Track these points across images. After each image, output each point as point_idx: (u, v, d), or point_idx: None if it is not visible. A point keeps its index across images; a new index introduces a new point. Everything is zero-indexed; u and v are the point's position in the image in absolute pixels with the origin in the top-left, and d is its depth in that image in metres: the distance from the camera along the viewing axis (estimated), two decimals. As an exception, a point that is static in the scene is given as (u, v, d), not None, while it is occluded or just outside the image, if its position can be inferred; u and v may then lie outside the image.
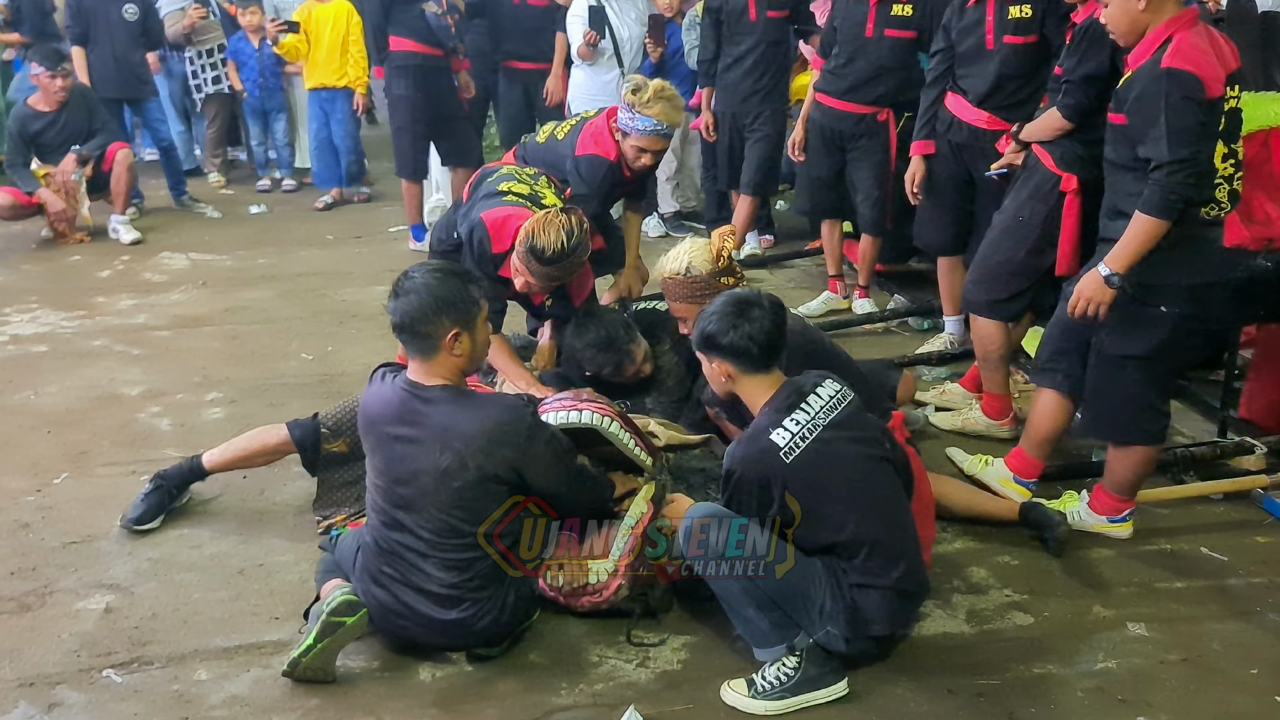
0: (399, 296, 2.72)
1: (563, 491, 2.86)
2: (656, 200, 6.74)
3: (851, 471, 2.71)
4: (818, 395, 2.74)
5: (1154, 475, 3.68)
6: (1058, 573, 3.25)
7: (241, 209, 7.49)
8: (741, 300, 2.78)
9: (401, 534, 2.75)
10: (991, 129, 4.14)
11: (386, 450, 2.76)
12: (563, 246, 3.36)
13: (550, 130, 4.22)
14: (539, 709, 2.66)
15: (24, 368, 4.74)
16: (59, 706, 2.65)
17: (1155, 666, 2.83)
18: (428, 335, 2.70)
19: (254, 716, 2.62)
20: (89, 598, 3.08)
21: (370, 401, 2.83)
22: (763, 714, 2.63)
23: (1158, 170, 2.96)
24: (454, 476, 2.67)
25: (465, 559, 2.74)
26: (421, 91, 6.16)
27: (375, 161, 8.24)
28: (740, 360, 2.74)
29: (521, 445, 2.70)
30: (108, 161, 6.62)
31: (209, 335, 5.15)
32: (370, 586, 2.79)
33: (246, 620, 2.99)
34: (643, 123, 3.79)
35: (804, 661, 2.66)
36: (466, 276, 2.82)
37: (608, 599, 2.90)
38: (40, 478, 3.75)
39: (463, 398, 2.75)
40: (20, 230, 6.73)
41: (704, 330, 2.77)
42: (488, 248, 3.57)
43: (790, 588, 2.66)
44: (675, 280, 3.42)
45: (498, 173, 3.87)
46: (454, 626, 2.76)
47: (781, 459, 2.63)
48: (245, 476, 3.71)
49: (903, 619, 2.80)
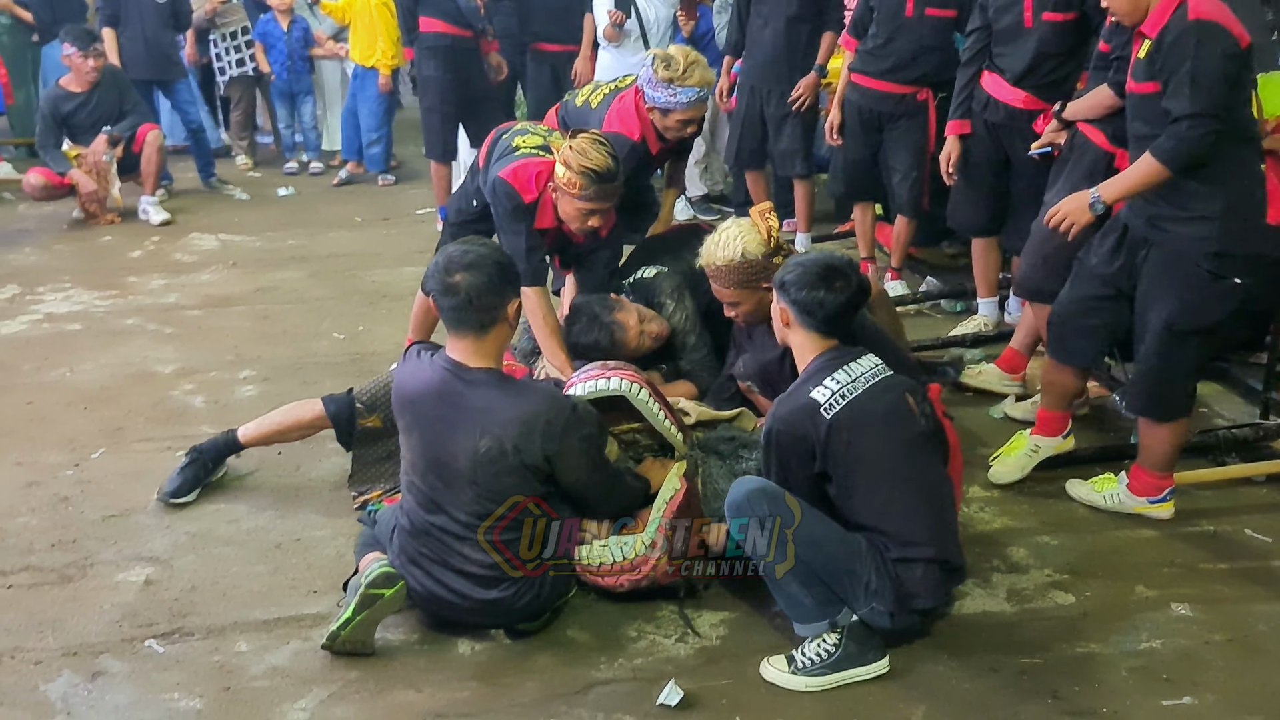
0: (455, 274, 2.67)
1: (590, 492, 2.84)
2: (684, 183, 6.71)
3: (889, 436, 2.70)
4: (859, 363, 2.76)
5: (1196, 457, 3.65)
6: (1099, 553, 3.22)
7: (269, 191, 7.50)
8: (832, 266, 2.79)
9: (438, 516, 2.74)
10: (1029, 108, 4.10)
11: (423, 430, 2.75)
12: (613, 159, 3.39)
13: (587, 94, 4.24)
14: (578, 683, 2.65)
15: (59, 345, 4.77)
16: (102, 675, 2.67)
17: (1200, 647, 2.80)
18: (492, 308, 2.68)
19: (295, 687, 2.63)
20: (129, 570, 3.10)
21: (406, 379, 2.81)
22: (803, 690, 2.62)
23: (1177, 123, 2.93)
24: (494, 461, 2.65)
25: (503, 540, 2.73)
26: (451, 73, 6.15)
27: (400, 145, 8.24)
28: (801, 315, 2.76)
29: (558, 437, 2.67)
30: (138, 143, 6.65)
31: (240, 315, 5.17)
32: (408, 566, 2.78)
33: (285, 593, 3.00)
34: (686, 94, 3.78)
35: (845, 638, 2.65)
36: (499, 247, 2.84)
37: (646, 575, 2.87)
38: (78, 452, 3.78)
39: (506, 383, 2.74)
40: (52, 211, 6.77)
41: (784, 277, 2.80)
42: (519, 201, 3.53)
43: (837, 564, 2.65)
44: (730, 268, 3.27)
45: (510, 130, 3.85)
46: (494, 605, 2.75)
47: (822, 414, 2.64)
48: (280, 453, 3.73)
49: (945, 591, 2.78)
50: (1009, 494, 3.54)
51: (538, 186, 3.54)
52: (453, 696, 2.60)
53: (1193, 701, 2.60)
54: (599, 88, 4.25)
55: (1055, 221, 3.20)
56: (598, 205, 3.46)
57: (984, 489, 3.56)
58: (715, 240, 3.32)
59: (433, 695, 2.60)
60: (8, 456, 3.75)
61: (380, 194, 7.50)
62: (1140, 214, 3.19)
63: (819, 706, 2.57)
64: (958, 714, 2.55)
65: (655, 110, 3.90)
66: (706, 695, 2.60)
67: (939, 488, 2.80)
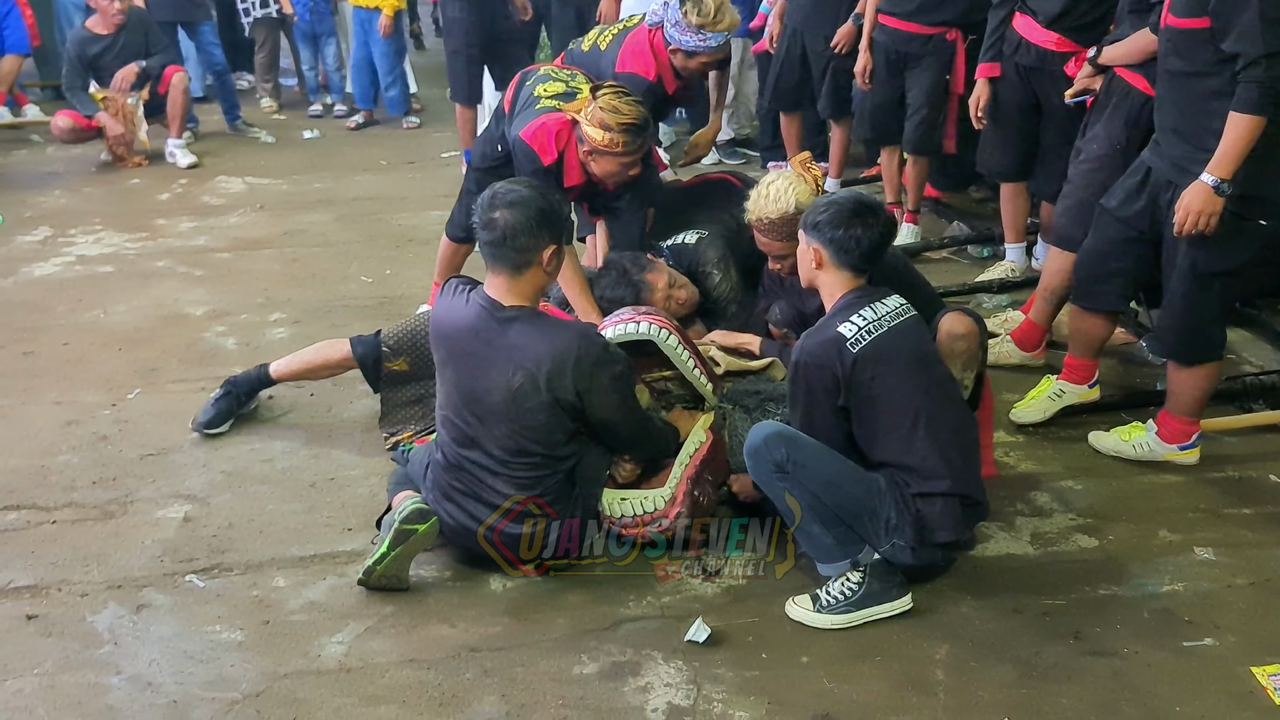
0: (497, 209, 2.70)
1: (620, 431, 2.87)
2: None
3: (914, 374, 2.73)
4: (884, 303, 2.78)
5: (1222, 404, 3.65)
6: (1122, 498, 3.24)
7: (294, 134, 7.50)
8: (864, 203, 2.81)
9: (472, 450, 2.79)
10: (1061, 50, 4.03)
11: (458, 364, 2.79)
12: (640, 108, 3.39)
13: (594, 38, 4.20)
14: (607, 619, 2.72)
15: (92, 287, 4.83)
16: (147, 608, 2.75)
17: (1223, 590, 2.83)
18: (526, 250, 2.70)
19: (331, 622, 2.71)
20: (168, 507, 3.17)
21: (443, 314, 2.85)
22: (828, 627, 2.68)
23: (1253, 66, 2.84)
24: (526, 397, 2.70)
25: (534, 477, 2.78)
26: (476, 15, 6.09)
27: (425, 88, 8.20)
28: (837, 254, 2.77)
29: (588, 373, 2.70)
30: (164, 84, 6.65)
31: (269, 258, 5.21)
32: (441, 501, 2.84)
33: (320, 531, 3.07)
34: (715, 39, 3.77)
35: (868, 576, 2.70)
36: (555, 194, 2.83)
37: (668, 527, 2.90)
38: (114, 393, 3.85)
39: (539, 319, 2.77)
40: (80, 153, 6.80)
41: (816, 217, 2.80)
42: (538, 164, 3.52)
43: (856, 504, 2.69)
44: (783, 220, 3.21)
45: (534, 75, 3.83)
46: (523, 540, 2.81)
47: (848, 348, 2.67)
48: (313, 394, 3.79)
49: (966, 526, 2.82)
50: (1033, 438, 3.56)
51: (556, 148, 3.50)
52: (485, 631, 2.67)
53: (1214, 643, 2.63)
54: (605, 31, 4.21)
55: (1189, 227, 3.01)
56: (638, 155, 3.46)
57: (1009, 434, 3.58)
58: (763, 194, 3.26)
59: (466, 630, 2.67)
60: (47, 395, 3.82)
61: (405, 137, 7.49)
62: (1164, 156, 3.16)
63: (843, 645, 2.63)
64: (980, 653, 2.60)
65: (679, 52, 3.87)
66: (733, 633, 2.66)
67: (962, 424, 2.83)
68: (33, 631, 2.66)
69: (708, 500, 2.96)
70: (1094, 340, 3.57)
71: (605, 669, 2.55)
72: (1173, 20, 3.08)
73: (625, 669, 2.55)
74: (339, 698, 2.46)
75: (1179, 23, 3.05)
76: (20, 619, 2.70)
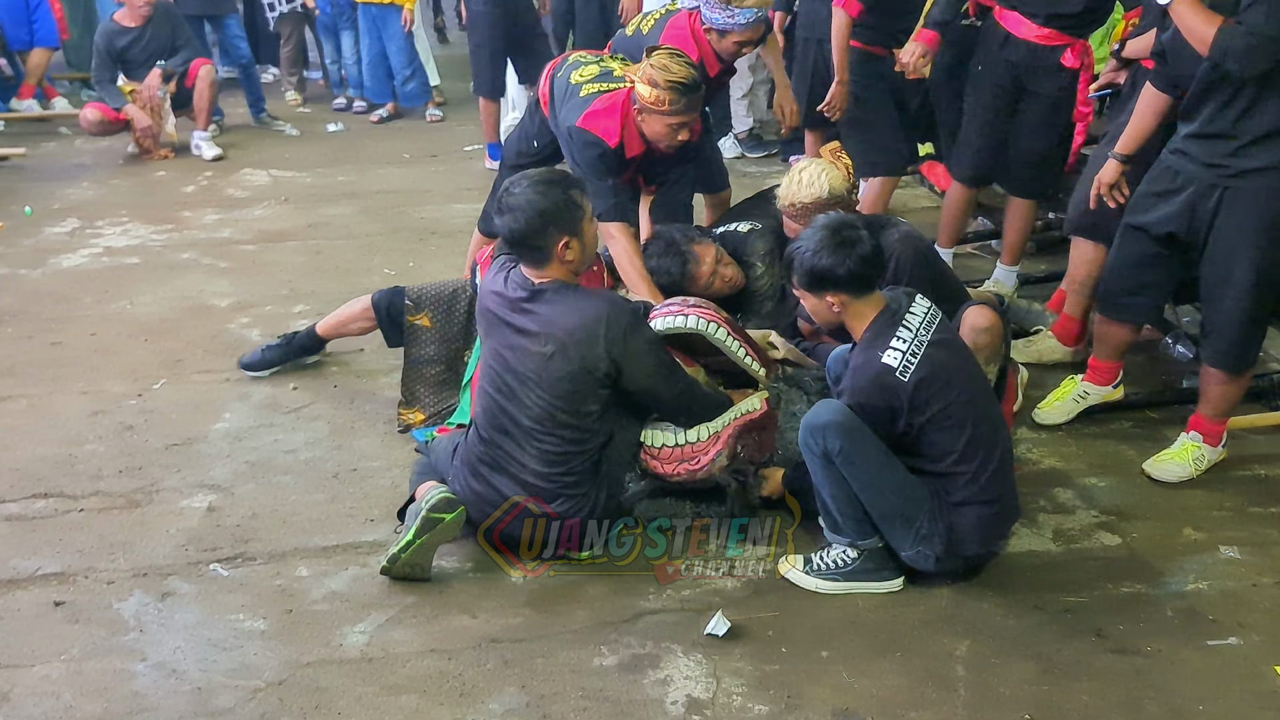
0: (504, 214, 2.78)
1: (663, 394, 2.89)
2: (731, 120, 6.65)
3: (962, 380, 2.70)
4: (913, 314, 2.73)
5: (1248, 402, 3.62)
6: (1146, 496, 3.22)
7: (318, 127, 7.54)
8: (837, 227, 2.74)
9: (505, 422, 2.83)
10: (1052, 44, 3.95)
11: (498, 336, 2.86)
12: (693, 68, 3.39)
13: (637, 23, 4.21)
14: (628, 611, 2.72)
15: (119, 278, 4.88)
16: (171, 596, 2.78)
17: (1247, 589, 2.81)
18: (539, 247, 2.79)
19: (354, 611, 2.73)
20: (192, 496, 3.20)
21: (487, 288, 2.93)
22: (814, 590, 2.77)
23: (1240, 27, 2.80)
24: (558, 366, 2.75)
25: (563, 452, 2.81)
26: (500, 8, 6.10)
27: (448, 81, 8.22)
28: (854, 287, 2.70)
29: (619, 339, 2.75)
30: (190, 77, 6.70)
31: (293, 250, 5.24)
32: (469, 479, 2.87)
33: (343, 521, 3.09)
34: (744, 16, 3.69)
35: (864, 556, 2.77)
36: (566, 183, 2.85)
37: (705, 466, 2.91)
38: (140, 383, 3.88)
39: (570, 292, 2.82)
40: (108, 146, 6.86)
41: (814, 267, 2.70)
42: (604, 148, 3.49)
43: (891, 510, 2.69)
44: (817, 204, 3.26)
45: (565, 64, 3.82)
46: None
47: (899, 379, 2.62)
48: (335, 386, 3.83)
49: (995, 536, 2.80)
50: (1057, 435, 3.54)
51: (620, 125, 3.49)
52: (506, 622, 2.68)
53: (1238, 642, 2.62)
54: (647, 15, 4.21)
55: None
56: (686, 118, 3.44)
57: (1031, 430, 3.56)
58: (795, 179, 3.31)
59: (487, 620, 2.69)
60: (74, 385, 3.87)
61: (428, 130, 7.51)
62: (1207, 164, 3.07)
63: (863, 640, 2.63)
64: (1001, 650, 2.59)
65: (713, 31, 3.85)
66: (753, 626, 2.66)
67: (1000, 425, 2.81)
68: (60, 618, 2.69)
69: (748, 455, 2.97)
70: (1120, 345, 3.54)
71: (625, 661, 2.56)
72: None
73: (645, 661, 2.55)
74: (360, 686, 2.48)
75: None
76: (48, 605, 2.73)
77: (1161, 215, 3.19)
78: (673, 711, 2.41)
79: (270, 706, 2.42)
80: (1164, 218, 3.18)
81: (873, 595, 2.76)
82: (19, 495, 3.20)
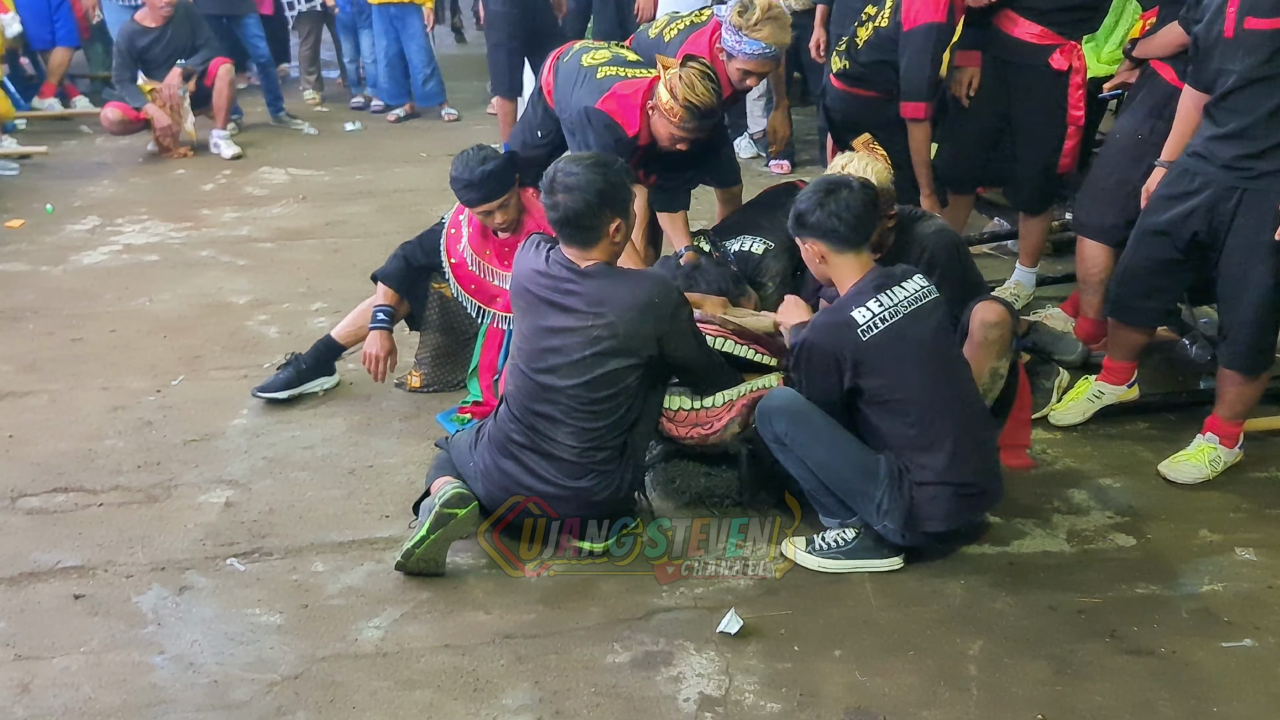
0: (557, 193, 2.78)
1: (696, 365, 2.96)
2: (747, 120, 6.65)
3: (925, 362, 2.75)
4: (903, 287, 2.79)
5: (1265, 404, 3.60)
6: (1162, 496, 3.21)
7: (336, 126, 7.58)
8: (832, 181, 2.86)
9: (540, 400, 2.85)
10: (1044, 43, 3.93)
11: (536, 314, 2.87)
12: (716, 97, 3.40)
13: (662, 26, 4.13)
14: (641, 609, 2.73)
15: (138, 276, 4.92)
16: (189, 590, 2.80)
17: (1264, 591, 2.80)
18: (591, 228, 2.80)
19: (370, 606, 2.74)
20: (210, 492, 3.23)
21: (524, 269, 2.93)
22: (816, 569, 2.85)
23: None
24: (600, 342, 2.78)
25: (598, 429, 2.83)
26: (519, 7, 6.13)
27: (465, 80, 8.25)
28: (829, 238, 2.79)
29: (667, 318, 2.80)
30: (210, 77, 6.75)
31: (311, 248, 5.27)
32: (497, 458, 2.90)
33: (359, 517, 3.11)
34: (750, 46, 3.61)
35: (863, 533, 2.84)
36: (619, 165, 2.89)
37: (717, 431, 2.98)
38: (159, 379, 3.92)
39: (617, 272, 2.87)
40: (127, 145, 6.92)
41: (797, 207, 2.84)
42: (621, 134, 3.51)
43: (849, 484, 2.79)
44: None
45: (571, 51, 3.82)
46: (576, 495, 2.86)
47: (858, 335, 2.70)
48: (352, 383, 3.85)
49: (963, 517, 2.85)
50: (1071, 436, 3.54)
51: (641, 115, 3.50)
52: (520, 618, 2.70)
53: (1253, 644, 2.61)
54: (676, 20, 4.13)
55: None
56: (691, 136, 3.47)
57: (1046, 431, 3.55)
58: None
59: (501, 617, 2.70)
60: (94, 381, 3.90)
61: (445, 129, 7.54)
62: (1227, 166, 3.06)
63: (876, 638, 2.63)
64: (1014, 649, 2.59)
65: (723, 51, 3.83)
66: (765, 625, 2.67)
67: (971, 411, 2.84)
68: (80, 611, 2.72)
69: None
70: (1134, 347, 3.53)
71: (638, 658, 2.57)
72: (1255, 22, 2.95)
73: (658, 659, 2.56)
74: (375, 681, 2.50)
75: (1265, 24, 2.93)
76: (68, 598, 2.76)
77: (1179, 217, 3.17)
78: (685, 709, 2.42)
79: (286, 700, 2.44)
80: (1183, 220, 3.17)
81: (886, 595, 2.77)
82: (40, 489, 3.24)
